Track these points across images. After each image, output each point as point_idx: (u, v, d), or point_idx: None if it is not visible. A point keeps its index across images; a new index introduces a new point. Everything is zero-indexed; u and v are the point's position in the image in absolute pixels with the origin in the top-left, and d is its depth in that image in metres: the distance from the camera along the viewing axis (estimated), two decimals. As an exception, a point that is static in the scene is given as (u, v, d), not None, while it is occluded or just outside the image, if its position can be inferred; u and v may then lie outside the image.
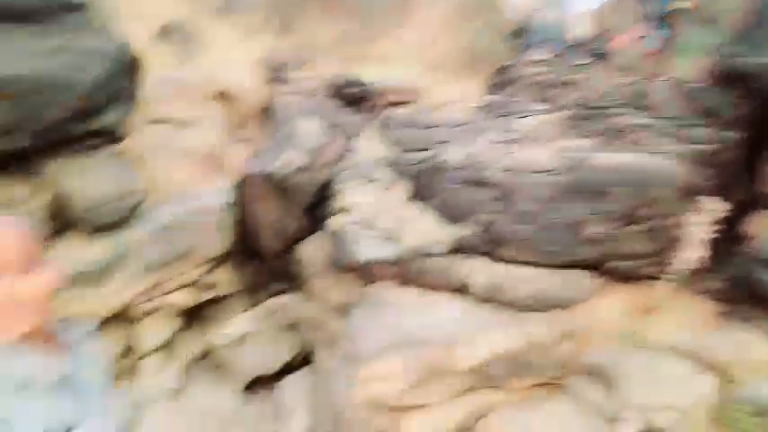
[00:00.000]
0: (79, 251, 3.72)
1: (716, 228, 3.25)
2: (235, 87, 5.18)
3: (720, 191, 3.31)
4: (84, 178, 3.46)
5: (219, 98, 5.05)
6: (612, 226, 3.10)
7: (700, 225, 3.21)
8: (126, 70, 3.80)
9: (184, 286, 4.15)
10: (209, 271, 4.31)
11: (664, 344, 3.11)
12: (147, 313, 3.99)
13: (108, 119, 3.41)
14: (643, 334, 3.22)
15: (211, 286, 4.28)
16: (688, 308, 3.36)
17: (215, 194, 4.14)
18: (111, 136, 3.56)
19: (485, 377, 3.15)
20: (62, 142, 3.31)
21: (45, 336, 1.24)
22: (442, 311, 3.29)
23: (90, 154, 3.49)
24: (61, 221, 3.52)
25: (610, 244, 3.13)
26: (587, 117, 3.77)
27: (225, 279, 4.50)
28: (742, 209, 3.40)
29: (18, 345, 1.16)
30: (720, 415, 2.74)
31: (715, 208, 3.25)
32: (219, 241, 4.11)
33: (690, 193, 3.20)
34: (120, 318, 3.91)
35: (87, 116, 3.27)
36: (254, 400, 4.40)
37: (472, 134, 3.73)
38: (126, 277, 3.71)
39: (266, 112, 5.20)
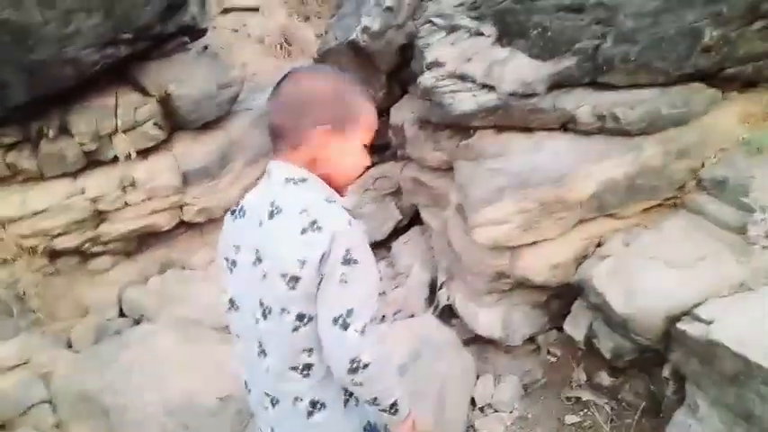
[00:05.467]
0: (191, 150, 3.97)
1: None
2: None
3: None
4: (181, 78, 3.59)
5: (280, -23, 4.89)
6: (731, 27, 2.85)
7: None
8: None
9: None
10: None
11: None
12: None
13: (190, 13, 3.44)
14: (764, 142, 3.06)
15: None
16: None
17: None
18: (195, 31, 3.60)
19: (598, 207, 3.18)
20: (155, 46, 3.40)
21: None
22: (549, 149, 3.28)
23: (181, 53, 3.57)
24: (170, 123, 3.72)
25: (727, 49, 2.90)
26: None
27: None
28: None
29: None
30: None
31: None
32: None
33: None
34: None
35: (172, 14, 3.30)
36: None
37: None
38: (239, 168, 3.96)
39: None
